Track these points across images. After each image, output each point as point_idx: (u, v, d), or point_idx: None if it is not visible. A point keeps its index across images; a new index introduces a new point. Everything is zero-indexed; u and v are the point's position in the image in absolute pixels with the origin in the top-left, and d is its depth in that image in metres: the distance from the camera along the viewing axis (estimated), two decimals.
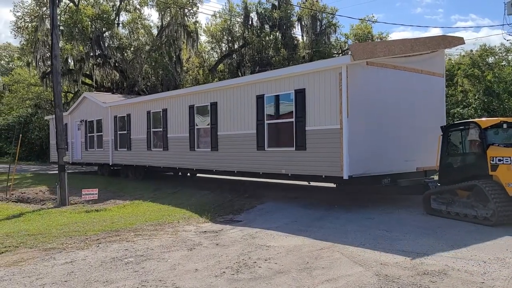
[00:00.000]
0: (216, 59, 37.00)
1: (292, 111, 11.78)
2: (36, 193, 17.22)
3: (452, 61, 27.18)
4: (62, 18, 29.59)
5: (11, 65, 52.40)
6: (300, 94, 11.54)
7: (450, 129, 10.25)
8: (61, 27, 28.95)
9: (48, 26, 19.32)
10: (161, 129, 17.43)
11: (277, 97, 12.33)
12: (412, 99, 12.11)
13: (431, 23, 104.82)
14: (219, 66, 36.76)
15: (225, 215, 11.06)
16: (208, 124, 14.85)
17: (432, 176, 11.97)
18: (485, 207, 8.81)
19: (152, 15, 54.74)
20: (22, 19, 30.56)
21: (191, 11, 30.93)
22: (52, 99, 20.78)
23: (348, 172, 10.37)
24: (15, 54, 47.98)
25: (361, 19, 33.83)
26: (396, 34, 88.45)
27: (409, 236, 8.11)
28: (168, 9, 30.05)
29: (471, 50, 25.19)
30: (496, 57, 25.54)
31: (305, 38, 33.53)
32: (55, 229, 9.39)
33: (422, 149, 11.96)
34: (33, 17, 29.92)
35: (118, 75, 32.55)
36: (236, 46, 35.24)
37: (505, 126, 9.37)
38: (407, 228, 8.74)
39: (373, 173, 10.90)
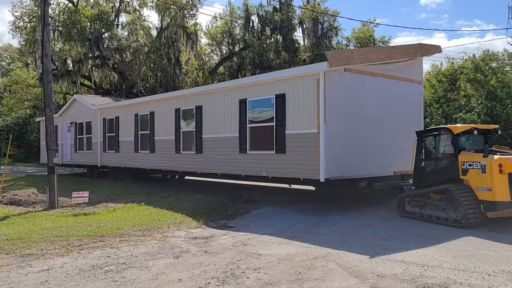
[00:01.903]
0: (217, 61, 36.61)
1: (273, 116, 11.94)
2: (28, 195, 16.84)
3: (455, 65, 26.66)
4: (60, 19, 29.30)
5: (11, 66, 52.14)
6: (281, 99, 11.73)
7: (424, 134, 10.49)
8: (60, 28, 28.66)
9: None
10: (148, 132, 17.44)
11: (259, 102, 12.45)
12: (390, 105, 12.26)
13: (435, 29, 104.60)
14: (220, 69, 36.36)
15: (218, 220, 10.65)
16: (193, 127, 14.95)
17: (408, 180, 12.06)
18: (455, 210, 9.03)
19: (151, 16, 54.77)
20: (21, 19, 30.28)
21: (191, 12, 30.58)
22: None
23: (324, 175, 10.55)
24: (16, 55, 47.68)
25: (363, 22, 33.43)
26: (400, 39, 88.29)
27: (408, 245, 7.67)
28: (168, 10, 29.71)
29: (473, 55, 24.73)
30: (499, 62, 25.04)
31: (306, 41, 33.10)
32: (37, 233, 8.96)
33: (399, 153, 12.06)
34: (31, 17, 29.61)
35: (117, 76, 32.22)
36: (236, 49, 34.82)
37: (475, 132, 9.63)
38: (407, 237, 8.30)
39: (350, 176, 11.04)
